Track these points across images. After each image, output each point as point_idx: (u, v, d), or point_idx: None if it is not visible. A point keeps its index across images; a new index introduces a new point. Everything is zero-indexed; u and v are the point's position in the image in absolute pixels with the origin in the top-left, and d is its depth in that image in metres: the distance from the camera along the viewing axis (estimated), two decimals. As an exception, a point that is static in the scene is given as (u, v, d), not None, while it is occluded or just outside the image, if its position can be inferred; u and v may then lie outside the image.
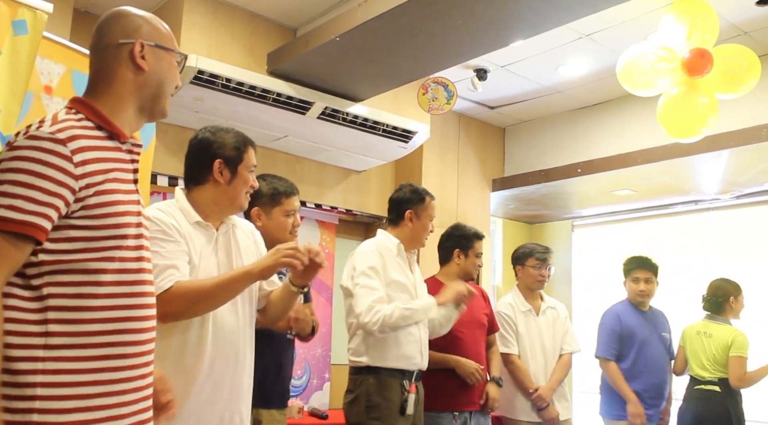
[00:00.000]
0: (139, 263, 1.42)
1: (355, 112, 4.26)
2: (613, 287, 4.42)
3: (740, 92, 3.20)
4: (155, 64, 1.48)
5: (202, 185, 2.01)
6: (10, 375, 1.26)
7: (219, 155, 2.00)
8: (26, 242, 1.26)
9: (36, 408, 1.24)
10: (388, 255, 2.88)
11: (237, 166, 2.01)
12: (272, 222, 2.56)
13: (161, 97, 1.52)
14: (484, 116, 5.56)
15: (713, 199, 5.45)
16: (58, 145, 1.29)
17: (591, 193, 5.66)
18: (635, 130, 4.73)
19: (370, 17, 3.31)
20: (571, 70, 4.58)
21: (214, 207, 2.01)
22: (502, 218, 6.49)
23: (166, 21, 4.02)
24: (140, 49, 1.46)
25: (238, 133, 2.07)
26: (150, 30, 1.50)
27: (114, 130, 1.42)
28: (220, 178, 2.00)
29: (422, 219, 2.99)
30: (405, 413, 2.77)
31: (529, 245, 3.82)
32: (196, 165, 2.03)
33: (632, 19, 3.81)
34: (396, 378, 2.79)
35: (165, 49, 1.51)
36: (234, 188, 2.01)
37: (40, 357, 1.26)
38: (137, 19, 1.50)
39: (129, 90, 1.46)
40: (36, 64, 2.24)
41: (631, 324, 3.75)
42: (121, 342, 1.36)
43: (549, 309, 3.71)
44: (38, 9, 2.18)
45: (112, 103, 1.44)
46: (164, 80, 1.51)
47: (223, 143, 2.01)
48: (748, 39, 4.02)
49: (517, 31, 3.44)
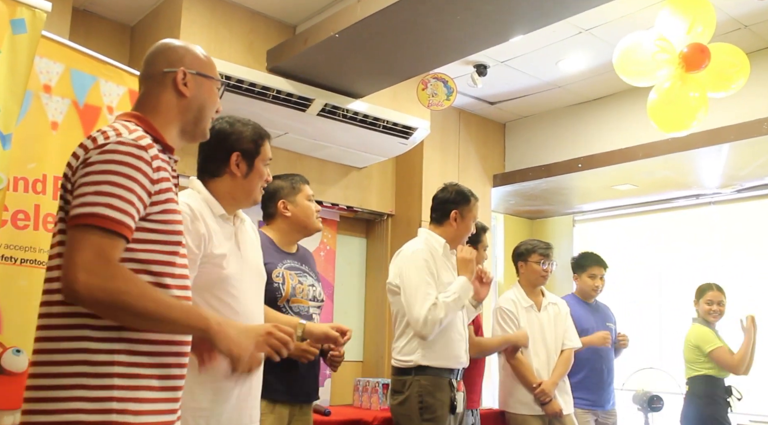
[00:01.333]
0: (183, 269, 1.52)
1: (355, 108, 4.25)
2: (613, 281, 4.43)
3: (730, 91, 3.23)
4: (196, 90, 1.60)
5: (218, 177, 1.99)
6: (90, 366, 1.33)
7: (236, 148, 1.98)
8: (120, 240, 1.34)
9: (115, 397, 1.32)
10: (436, 256, 2.90)
11: (254, 159, 2.01)
12: (299, 208, 2.59)
13: (202, 120, 1.63)
14: (485, 112, 5.55)
15: (714, 193, 5.45)
16: (142, 151, 1.40)
17: (592, 187, 5.66)
18: (636, 124, 4.72)
19: (369, 13, 3.30)
20: (571, 65, 4.57)
21: (231, 200, 2.00)
22: (503, 214, 6.49)
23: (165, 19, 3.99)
24: (183, 77, 1.58)
25: (255, 125, 2.06)
26: (192, 59, 1.62)
27: (166, 144, 1.54)
28: (236, 171, 1.98)
29: (466, 220, 3.00)
30: (455, 411, 2.79)
31: (531, 241, 3.85)
32: (212, 157, 2.01)
33: (632, 13, 3.80)
34: (445, 378, 2.80)
35: (206, 77, 1.63)
36: (250, 181, 2.01)
37: (116, 350, 1.34)
38: (181, 50, 1.63)
39: (173, 113, 1.58)
40: (35, 63, 2.25)
41: (576, 315, 3.84)
42: (179, 341, 1.46)
43: (550, 304, 3.73)
44: (37, 8, 2.18)
45: (161, 123, 1.56)
46: (205, 105, 1.62)
47: (240, 136, 2.00)
48: (748, 32, 4.02)
49: (516, 27, 3.43)
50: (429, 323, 2.72)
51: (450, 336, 2.83)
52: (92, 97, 2.49)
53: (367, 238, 5.44)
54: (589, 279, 3.98)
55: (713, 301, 4.06)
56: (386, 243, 5.16)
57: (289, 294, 2.51)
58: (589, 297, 4.02)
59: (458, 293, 2.82)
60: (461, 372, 2.90)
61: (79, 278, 1.27)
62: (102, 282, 1.28)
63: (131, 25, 4.18)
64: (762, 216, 5.28)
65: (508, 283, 6.16)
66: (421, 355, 2.78)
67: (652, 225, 5.99)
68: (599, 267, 3.99)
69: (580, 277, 4.03)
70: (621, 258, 5.79)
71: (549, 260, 3.69)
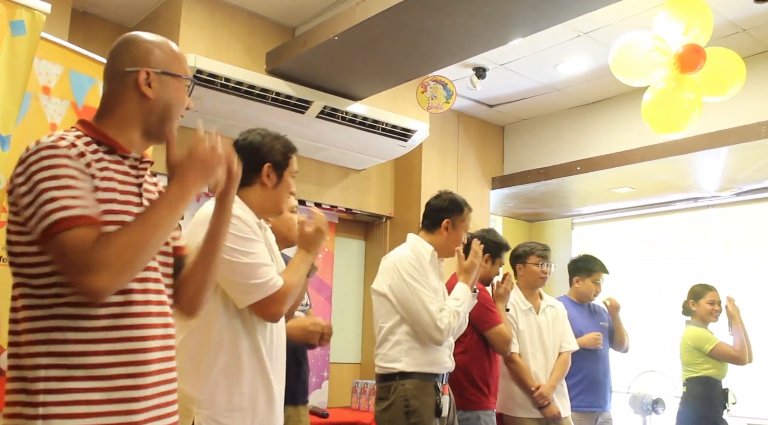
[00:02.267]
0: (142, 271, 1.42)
1: (354, 110, 4.26)
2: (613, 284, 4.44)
3: (726, 95, 3.23)
4: (161, 90, 1.49)
5: (249, 187, 2.05)
6: (22, 382, 1.30)
7: (268, 159, 2.06)
8: (91, 227, 1.29)
9: (40, 415, 1.26)
10: (423, 262, 2.89)
11: (283, 171, 2.08)
12: (280, 221, 2.55)
13: (167, 121, 1.53)
14: (484, 114, 5.56)
15: (713, 196, 5.45)
16: (63, 149, 1.33)
17: (590, 190, 5.66)
18: (634, 127, 4.73)
19: (368, 16, 3.31)
20: (570, 68, 4.58)
21: (259, 209, 2.06)
22: (502, 216, 6.49)
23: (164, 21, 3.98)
24: (146, 77, 1.47)
25: (285, 139, 2.13)
26: (157, 56, 1.51)
27: (111, 144, 1.44)
28: (267, 182, 2.06)
29: (458, 230, 2.98)
30: (440, 414, 2.78)
31: (529, 243, 3.85)
32: (245, 167, 1.99)
33: (630, 16, 3.81)
34: (430, 381, 2.79)
35: (172, 76, 1.52)
36: (279, 192, 2.08)
37: (42, 365, 1.29)
38: (145, 45, 1.51)
39: (134, 115, 1.48)
40: (34, 65, 2.25)
41: (571, 317, 3.84)
42: (123, 350, 1.36)
43: (548, 307, 3.72)
44: (36, 9, 2.18)
45: (116, 124, 1.47)
46: (170, 105, 1.52)
47: (272, 148, 2.07)
48: (746, 36, 4.03)
49: (515, 29, 3.44)
50: (444, 331, 2.75)
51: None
52: (91, 98, 2.49)
53: (365, 241, 5.44)
54: (593, 285, 3.98)
55: (715, 301, 4.08)
56: (385, 245, 5.16)
57: None
58: (586, 300, 4.03)
59: (465, 303, 2.84)
60: (446, 377, 2.88)
61: (85, 283, 1.26)
62: (103, 268, 1.26)
63: (130, 27, 4.18)
64: (760, 220, 5.29)
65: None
66: (405, 363, 2.76)
67: (651, 228, 5.99)
68: (603, 273, 4.01)
69: (583, 280, 4.00)
70: (620, 261, 5.79)
71: (547, 262, 3.69)
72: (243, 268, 1.89)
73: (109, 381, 1.32)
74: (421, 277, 2.81)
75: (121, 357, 1.34)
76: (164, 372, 1.43)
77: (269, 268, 1.94)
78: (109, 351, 1.33)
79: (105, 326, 1.33)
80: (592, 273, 3.99)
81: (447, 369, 2.88)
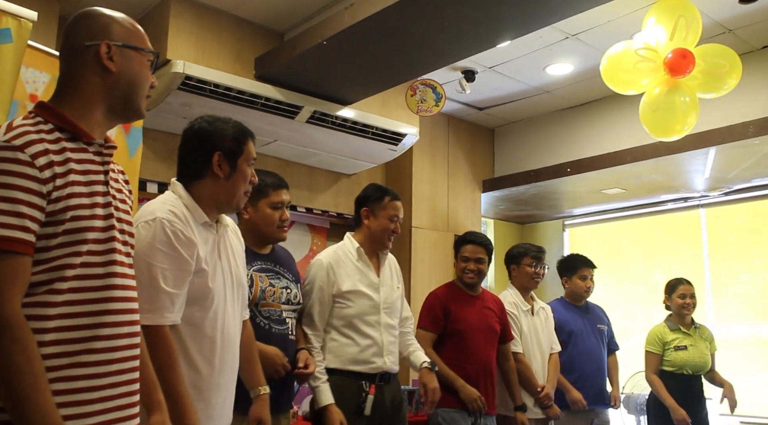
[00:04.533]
0: (106, 268, 1.36)
1: (344, 115, 4.25)
2: (605, 285, 4.45)
3: (722, 92, 3.23)
4: (124, 64, 1.43)
5: (199, 180, 1.88)
6: None
7: (218, 147, 1.87)
8: (17, 257, 1.22)
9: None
10: (344, 261, 2.83)
11: (237, 159, 1.89)
12: (258, 214, 2.47)
13: (134, 98, 1.46)
14: (473, 117, 5.57)
15: (702, 196, 5.49)
16: (16, 152, 1.25)
17: (581, 192, 5.68)
18: (623, 128, 4.76)
19: (356, 20, 3.31)
20: (559, 70, 4.59)
21: (213, 204, 1.89)
22: (493, 219, 6.50)
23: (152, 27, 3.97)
24: (107, 51, 1.41)
25: (236, 123, 1.94)
26: (118, 30, 1.44)
27: (75, 131, 1.37)
28: (219, 172, 1.87)
29: (380, 218, 2.90)
30: (363, 413, 2.73)
31: (523, 245, 3.88)
32: (192, 158, 1.90)
33: (618, 18, 3.83)
34: (353, 380, 2.75)
35: (134, 49, 1.45)
36: (233, 183, 1.89)
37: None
38: (104, 19, 1.44)
39: (97, 93, 1.41)
40: (21, 73, 2.23)
41: (564, 319, 3.86)
42: (85, 350, 1.30)
43: (541, 309, 3.76)
44: (22, 17, 2.16)
45: (78, 105, 1.40)
46: (135, 80, 1.45)
47: (222, 134, 1.88)
48: (732, 37, 4.05)
49: (503, 32, 3.45)
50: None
51: (357, 342, 2.77)
52: (79, 106, 2.48)
53: (357, 245, 5.43)
54: (580, 281, 3.98)
55: (686, 295, 4.08)
56: (377, 249, 5.15)
57: (257, 298, 2.41)
58: (580, 300, 4.02)
59: (316, 395, 2.68)
60: (382, 377, 2.82)
61: None
62: None
63: (118, 34, 4.17)
64: (749, 218, 5.32)
65: (499, 288, 6.17)
66: (326, 359, 2.75)
67: (642, 228, 6.02)
68: (588, 268, 3.99)
69: (570, 280, 4.02)
70: (611, 261, 5.82)
71: (541, 263, 3.70)
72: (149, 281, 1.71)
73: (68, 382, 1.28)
74: (318, 287, 2.76)
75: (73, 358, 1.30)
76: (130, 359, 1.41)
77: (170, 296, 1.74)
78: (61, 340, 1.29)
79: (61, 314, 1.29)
80: (576, 270, 4.00)
81: (378, 369, 2.79)
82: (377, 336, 2.83)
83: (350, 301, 2.79)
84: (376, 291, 2.87)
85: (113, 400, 1.34)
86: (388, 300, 2.90)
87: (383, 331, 2.85)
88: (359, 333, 2.79)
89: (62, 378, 1.27)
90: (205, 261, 1.83)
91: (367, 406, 2.74)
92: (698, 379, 3.99)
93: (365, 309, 2.81)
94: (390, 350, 2.86)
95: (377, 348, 2.82)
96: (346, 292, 2.78)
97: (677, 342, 4.00)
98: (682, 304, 4.06)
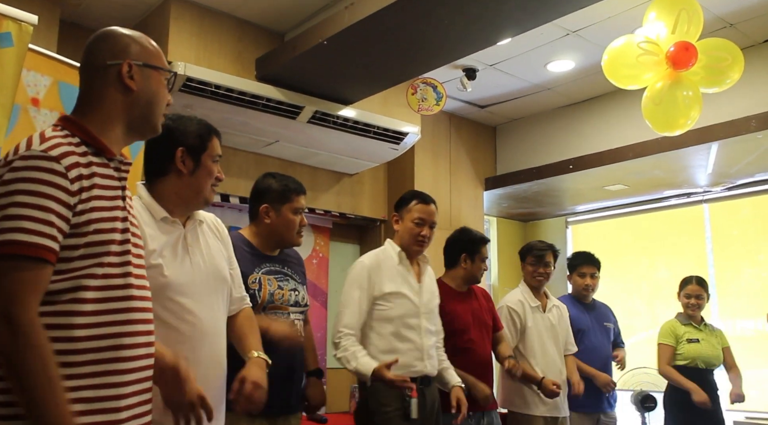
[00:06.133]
0: (125, 279, 1.40)
1: (345, 115, 4.25)
2: (609, 281, 4.45)
3: (724, 86, 3.21)
4: (144, 83, 1.49)
5: (164, 177, 1.90)
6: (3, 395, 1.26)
7: (181, 143, 1.88)
8: (41, 265, 1.25)
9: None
10: (389, 264, 2.87)
11: (200, 155, 1.91)
12: (281, 219, 2.53)
13: (151, 116, 1.53)
14: (475, 115, 5.56)
15: (705, 191, 5.48)
16: (53, 162, 1.29)
17: (583, 188, 5.67)
18: (625, 124, 4.75)
19: (356, 20, 3.31)
20: (560, 66, 4.59)
21: (178, 200, 1.90)
22: (496, 217, 6.49)
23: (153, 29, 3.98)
24: (128, 70, 1.47)
25: (201, 120, 1.97)
26: (138, 49, 1.50)
27: (100, 146, 1.42)
28: (183, 168, 1.88)
29: (405, 222, 2.97)
30: (410, 418, 2.75)
31: (532, 242, 3.87)
32: (156, 154, 1.92)
33: (618, 14, 3.82)
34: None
35: (153, 68, 1.52)
36: (198, 179, 1.90)
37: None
38: (124, 39, 1.50)
39: (118, 110, 1.47)
40: (22, 77, 2.23)
41: (571, 316, 3.84)
42: (111, 358, 1.35)
43: (554, 307, 3.73)
44: (23, 21, 2.17)
45: (100, 121, 1.45)
46: (154, 99, 1.52)
47: (185, 131, 1.91)
48: (733, 31, 4.04)
49: (504, 30, 3.44)
50: (338, 348, 2.77)
51: (397, 348, 2.80)
52: (81, 109, 2.48)
53: (360, 245, 5.42)
54: (579, 278, 3.98)
55: (691, 295, 4.12)
56: (380, 248, 5.16)
57: (265, 301, 2.43)
58: (584, 297, 4.02)
59: (359, 369, 2.71)
60: (423, 380, 2.85)
61: None
62: (7, 324, 1.20)
63: (119, 37, 4.17)
64: (752, 213, 5.31)
65: (502, 286, 6.17)
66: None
67: (645, 224, 6.01)
68: (589, 266, 3.98)
69: (572, 277, 4.04)
70: (614, 257, 5.80)
71: (542, 262, 3.67)
72: None
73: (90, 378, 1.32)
74: (359, 285, 2.80)
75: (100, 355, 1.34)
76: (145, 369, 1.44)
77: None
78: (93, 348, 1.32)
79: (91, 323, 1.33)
80: (575, 268, 4.01)
81: (418, 373, 2.81)
82: (417, 340, 2.85)
83: (392, 303, 2.81)
84: (417, 295, 2.90)
85: (136, 407, 1.40)
86: (429, 306, 2.94)
87: (423, 335, 2.87)
88: (400, 339, 2.81)
89: (92, 386, 1.31)
90: (159, 254, 1.81)
91: (413, 410, 2.74)
92: (711, 373, 4.01)
93: (407, 312, 2.84)
94: (430, 354, 2.89)
95: (418, 353, 2.84)
96: (388, 294, 2.81)
97: (689, 335, 4.05)
98: (687, 304, 4.13)
